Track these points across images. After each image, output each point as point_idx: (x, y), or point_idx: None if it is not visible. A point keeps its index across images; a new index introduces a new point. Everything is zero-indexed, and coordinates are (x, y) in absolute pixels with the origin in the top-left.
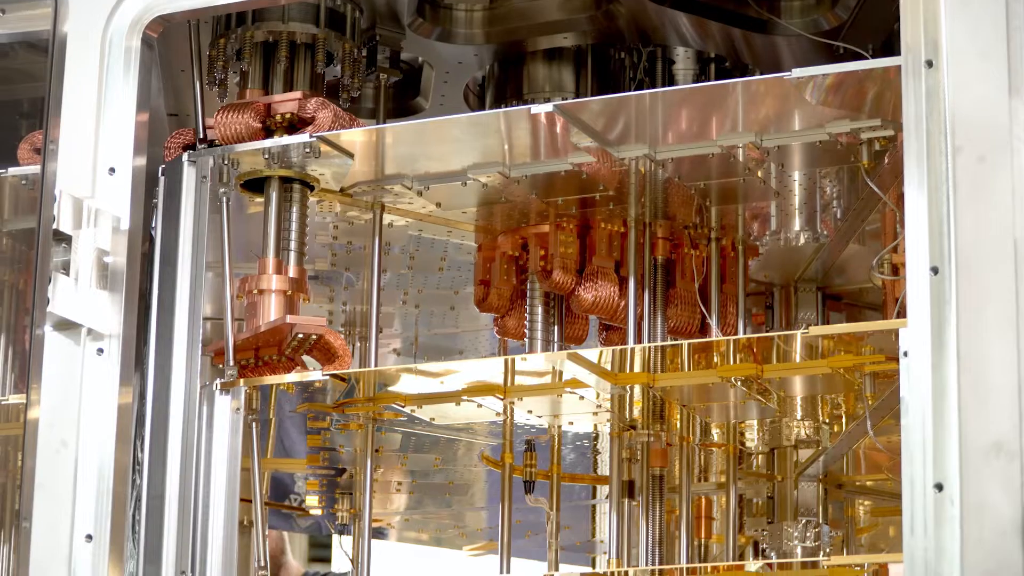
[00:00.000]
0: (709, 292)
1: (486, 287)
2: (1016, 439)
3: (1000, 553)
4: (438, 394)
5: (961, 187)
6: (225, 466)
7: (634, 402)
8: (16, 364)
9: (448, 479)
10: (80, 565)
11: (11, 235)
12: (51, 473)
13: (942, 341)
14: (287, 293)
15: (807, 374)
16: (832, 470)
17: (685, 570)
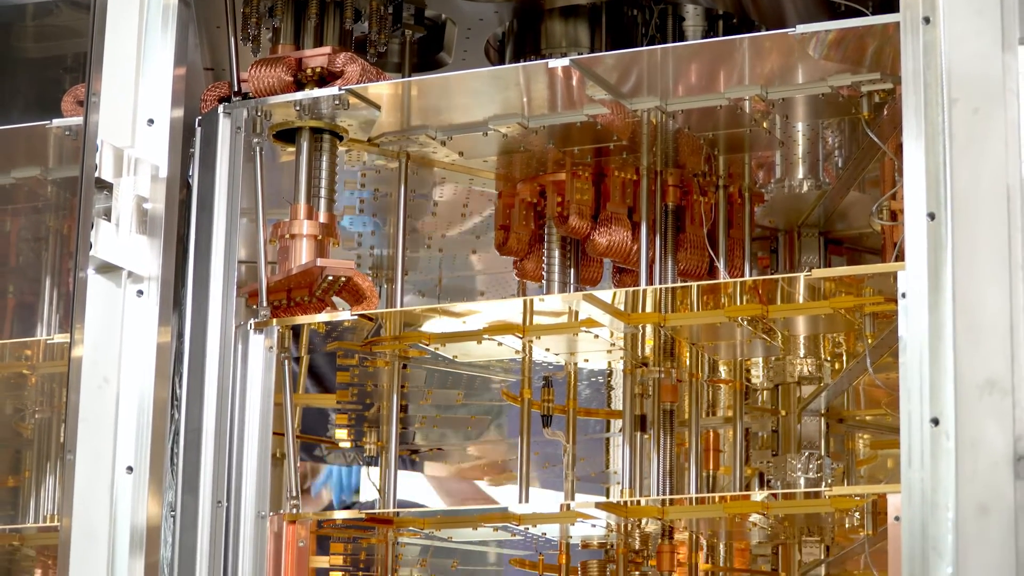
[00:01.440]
0: (717, 237)
1: (506, 232)
2: (1008, 376)
3: (992, 484)
4: (460, 333)
5: (956, 137)
6: (258, 401)
7: (646, 340)
8: (61, 305)
9: (470, 413)
10: (121, 495)
11: (56, 183)
12: (94, 408)
13: (938, 283)
14: (317, 237)
15: (810, 314)
16: (833, 405)
17: (694, 499)
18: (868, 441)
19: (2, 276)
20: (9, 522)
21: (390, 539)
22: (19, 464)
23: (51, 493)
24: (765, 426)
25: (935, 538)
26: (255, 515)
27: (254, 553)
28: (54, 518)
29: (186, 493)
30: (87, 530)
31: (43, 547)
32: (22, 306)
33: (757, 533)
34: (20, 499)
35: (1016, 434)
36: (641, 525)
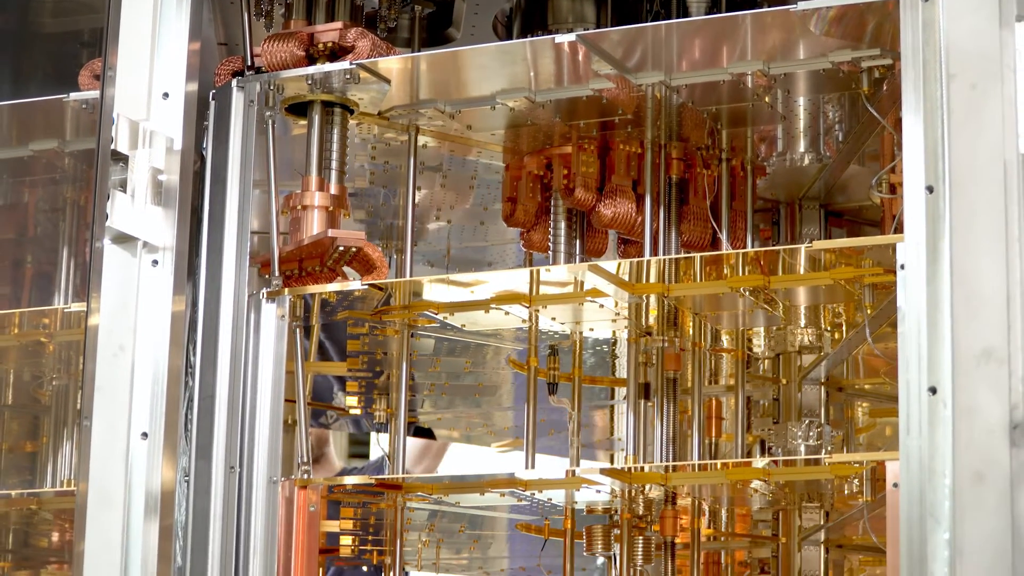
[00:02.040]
0: (720, 209)
1: (513, 204)
2: (1004, 346)
3: (989, 451)
4: (468, 302)
5: (954, 112)
6: (271, 369)
7: (650, 310)
8: (78, 275)
9: (477, 381)
10: (136, 460)
11: (73, 155)
12: (110, 375)
13: (936, 255)
14: (329, 209)
15: (810, 285)
16: (833, 374)
17: (697, 466)
18: (867, 409)
19: (20, 246)
20: (27, 486)
21: (399, 504)
22: (37, 430)
23: (68, 458)
24: (766, 394)
25: (932, 504)
26: (267, 480)
27: (266, 517)
28: (71, 483)
29: (200, 459)
30: (103, 494)
31: (60, 511)
32: (40, 275)
33: (758, 499)
34: (38, 464)
35: (1012, 403)
36: (644, 491)
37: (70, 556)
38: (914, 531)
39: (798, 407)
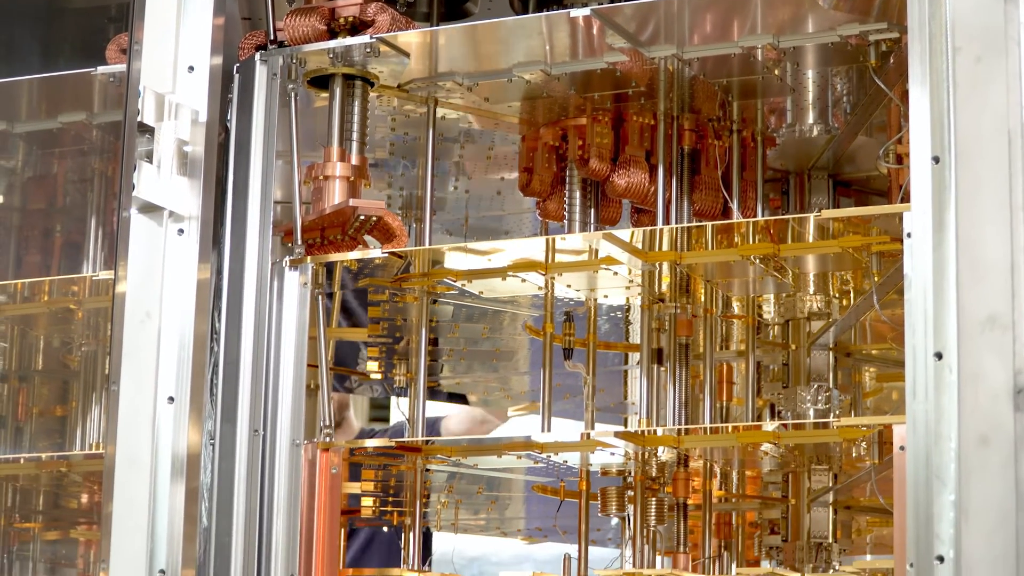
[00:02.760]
0: (731, 179)
1: (529, 174)
2: (1008, 313)
3: (993, 415)
4: (486, 270)
5: (960, 84)
6: (294, 335)
7: (663, 277)
8: (105, 244)
9: (495, 346)
10: (163, 424)
11: (100, 127)
12: (137, 341)
13: (942, 223)
14: (350, 179)
15: (819, 253)
16: (841, 340)
17: (708, 429)
18: (874, 374)
19: (50, 216)
20: (57, 449)
21: (419, 466)
22: (66, 394)
23: (96, 422)
24: (776, 359)
25: (938, 467)
26: (290, 443)
27: (289, 479)
28: (99, 446)
29: (225, 422)
30: (130, 457)
31: (89, 473)
32: (69, 244)
33: (768, 461)
34: (67, 428)
35: (1016, 368)
36: (657, 453)
37: (98, 517)
38: (920, 493)
39: (807, 372)
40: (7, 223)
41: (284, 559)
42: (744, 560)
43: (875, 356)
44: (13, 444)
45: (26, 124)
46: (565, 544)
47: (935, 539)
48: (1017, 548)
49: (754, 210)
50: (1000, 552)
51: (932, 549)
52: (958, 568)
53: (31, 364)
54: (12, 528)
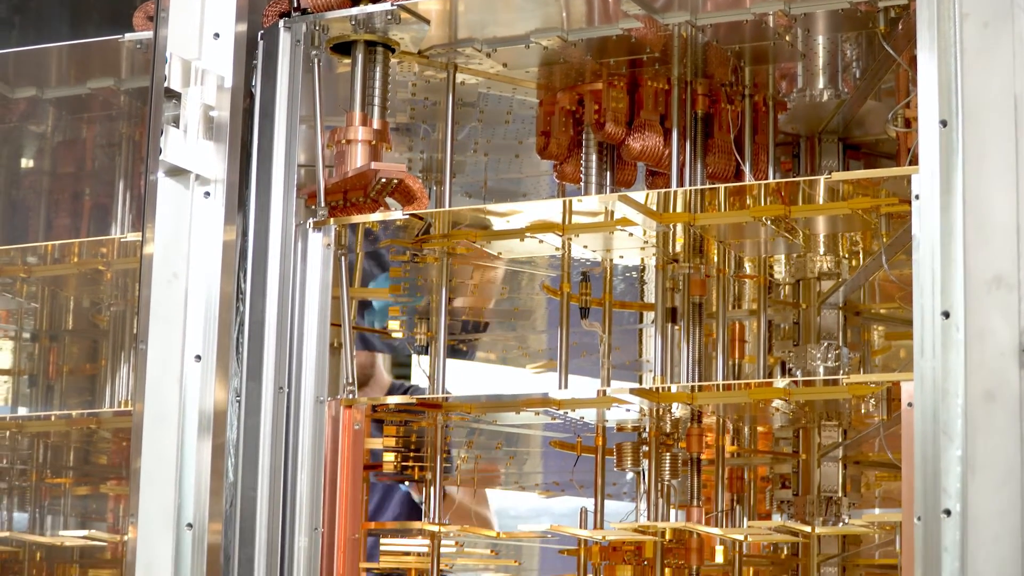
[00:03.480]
0: (743, 142)
1: (547, 138)
2: (1014, 273)
3: (999, 372)
4: (504, 231)
5: (967, 50)
6: (317, 295)
7: (676, 238)
8: (133, 206)
9: (513, 306)
10: (190, 382)
11: (128, 93)
12: (164, 301)
13: (949, 186)
14: (372, 143)
15: (829, 214)
16: (851, 299)
17: (721, 386)
18: (883, 333)
19: (79, 179)
20: (87, 407)
21: (439, 422)
22: (96, 353)
23: (125, 380)
24: (787, 318)
25: (945, 423)
26: (314, 400)
27: (313, 435)
28: (128, 403)
29: (250, 380)
30: (158, 414)
31: (118, 430)
32: (97, 207)
33: (779, 418)
34: (97, 386)
35: (1021, 326)
36: (672, 410)
37: (127, 472)
38: (928, 448)
39: (817, 330)
40: (38, 187)
41: (308, 512)
42: (756, 513)
43: (884, 315)
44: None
45: (56, 90)
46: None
47: (942, 493)
48: (1023, 502)
49: (766, 173)
50: (1006, 505)
51: (939, 503)
52: (965, 521)
53: (61, 324)
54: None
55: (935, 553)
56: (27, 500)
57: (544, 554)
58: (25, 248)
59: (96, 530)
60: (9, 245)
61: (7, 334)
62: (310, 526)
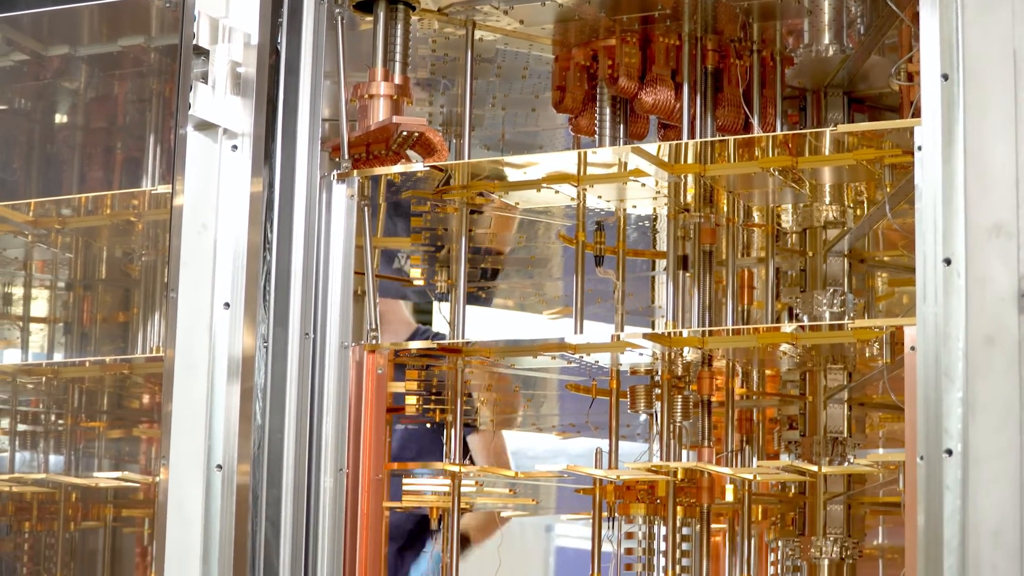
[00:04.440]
0: (751, 96)
1: (562, 92)
2: (1013, 221)
3: (999, 317)
4: (521, 182)
5: (968, 5)
6: (341, 244)
7: (687, 189)
8: (163, 160)
9: (530, 254)
10: (219, 329)
11: (158, 50)
12: (194, 251)
13: (951, 137)
14: (393, 97)
15: (835, 165)
16: (855, 247)
17: (730, 331)
18: (886, 279)
19: (111, 134)
20: (120, 353)
21: (459, 366)
22: (128, 302)
23: (156, 327)
24: (794, 265)
25: (947, 366)
26: (339, 345)
27: (338, 379)
28: (159, 349)
29: (277, 326)
30: (189, 360)
31: (150, 375)
32: (129, 160)
33: (786, 361)
34: (129, 333)
35: (1020, 273)
36: (683, 354)
37: (159, 416)
38: (930, 390)
39: (823, 277)
40: (71, 141)
41: (333, 454)
42: (764, 453)
43: (887, 262)
44: (79, 348)
45: (88, 48)
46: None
47: (944, 434)
48: (1021, 442)
49: (773, 125)
50: (1006, 445)
51: (941, 443)
52: (966, 461)
53: (95, 273)
54: (78, 427)
55: (937, 492)
56: (63, 443)
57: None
58: (60, 200)
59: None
60: (44, 197)
61: (43, 284)
62: (335, 467)
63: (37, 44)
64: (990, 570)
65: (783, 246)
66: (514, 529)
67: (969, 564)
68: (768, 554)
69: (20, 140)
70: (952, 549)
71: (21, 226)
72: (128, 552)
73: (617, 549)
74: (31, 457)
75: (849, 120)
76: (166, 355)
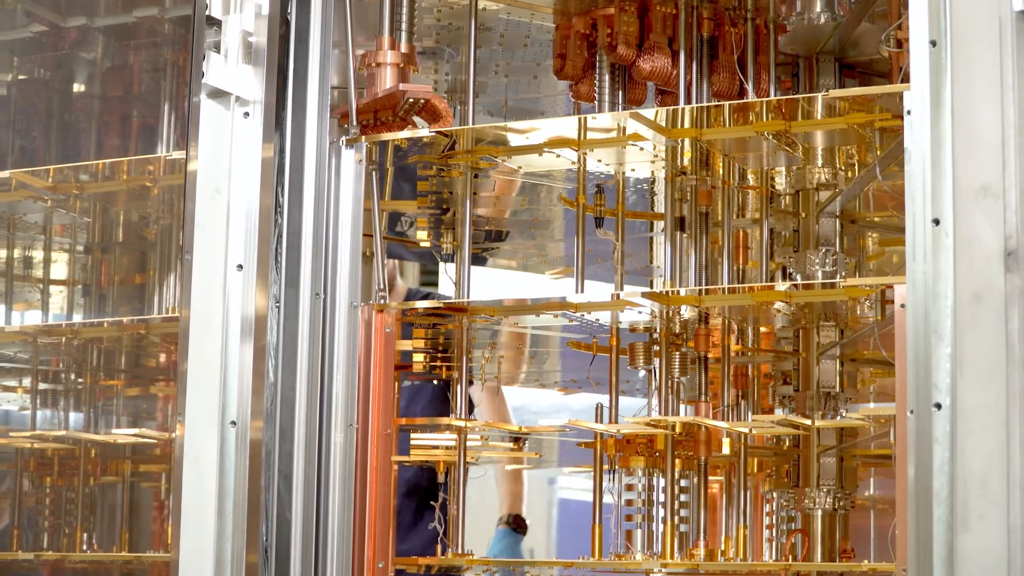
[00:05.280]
0: (746, 62)
1: (563, 60)
2: (999, 182)
3: (985, 275)
4: (524, 147)
5: None
6: (350, 207)
7: (684, 152)
8: (178, 127)
9: (533, 216)
10: (233, 289)
11: (172, 21)
12: (208, 215)
13: (939, 102)
14: (400, 65)
15: (827, 129)
16: (847, 208)
17: (726, 289)
18: (877, 239)
19: (127, 102)
20: (137, 314)
21: (464, 325)
22: (145, 264)
23: (172, 289)
24: (787, 226)
25: (936, 323)
26: (348, 305)
27: (347, 338)
28: (175, 310)
29: (288, 287)
30: (203, 320)
31: (166, 335)
32: (144, 128)
33: (780, 319)
34: (146, 294)
35: (1006, 232)
36: (681, 312)
37: (175, 374)
38: (919, 346)
39: (816, 237)
40: (89, 110)
41: (344, 410)
42: (759, 408)
43: (878, 222)
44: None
45: (104, 19)
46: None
47: (933, 388)
48: (1008, 396)
49: (767, 91)
50: (992, 399)
51: (930, 397)
52: (954, 414)
53: (112, 237)
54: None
55: (927, 444)
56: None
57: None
58: (78, 167)
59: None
60: (63, 164)
61: (62, 247)
62: (345, 422)
63: (55, 16)
64: (978, 519)
65: (777, 207)
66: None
67: (958, 514)
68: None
69: (39, 109)
70: (941, 499)
71: (41, 191)
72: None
73: (618, 500)
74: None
75: (840, 86)
76: (181, 315)
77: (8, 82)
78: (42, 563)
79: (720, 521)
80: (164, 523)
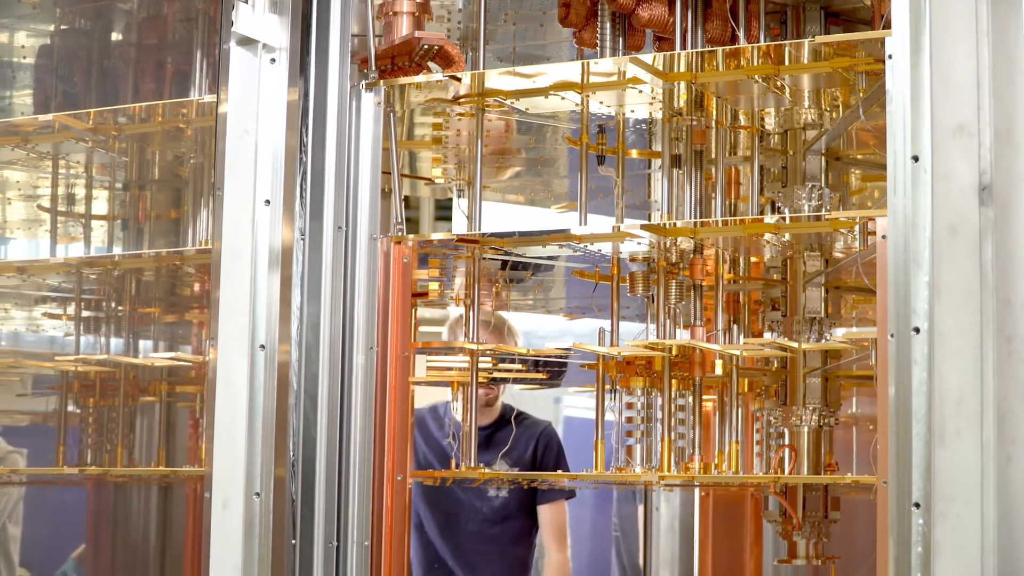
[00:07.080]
0: (738, 10)
1: (567, 8)
2: (974, 122)
3: (961, 209)
4: (531, 90)
5: None
6: (370, 146)
7: (680, 95)
8: (209, 72)
9: (539, 155)
10: (261, 223)
11: None
12: (237, 154)
13: (918, 46)
14: (415, 14)
15: (813, 73)
16: (832, 146)
17: (719, 222)
18: (859, 175)
19: (162, 50)
20: (172, 246)
21: (476, 255)
22: (179, 200)
23: (205, 223)
24: (776, 163)
25: (915, 252)
26: (368, 238)
27: (368, 268)
28: (207, 242)
29: (313, 220)
30: (234, 251)
31: (200, 265)
32: (178, 73)
33: (770, 249)
34: (180, 228)
35: (980, 169)
36: (677, 243)
37: (208, 302)
38: (899, 274)
39: (802, 174)
40: (126, 57)
41: (364, 334)
42: (750, 332)
43: (860, 160)
44: (135, 242)
45: None
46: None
47: (912, 313)
48: (981, 321)
49: (757, 37)
50: (966, 324)
51: (909, 322)
52: (931, 337)
53: (149, 175)
54: (136, 313)
55: (906, 366)
56: (122, 328)
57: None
58: (116, 110)
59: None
60: (103, 107)
61: (102, 185)
62: (366, 346)
63: None
64: (954, 436)
65: (766, 146)
66: (526, 401)
67: (935, 430)
68: (754, 422)
69: (80, 56)
70: (920, 417)
71: (82, 133)
72: (181, 424)
73: (619, 418)
74: (94, 340)
75: (826, 32)
76: (213, 247)
77: (51, 31)
78: (86, 477)
79: (713, 437)
80: (198, 440)
